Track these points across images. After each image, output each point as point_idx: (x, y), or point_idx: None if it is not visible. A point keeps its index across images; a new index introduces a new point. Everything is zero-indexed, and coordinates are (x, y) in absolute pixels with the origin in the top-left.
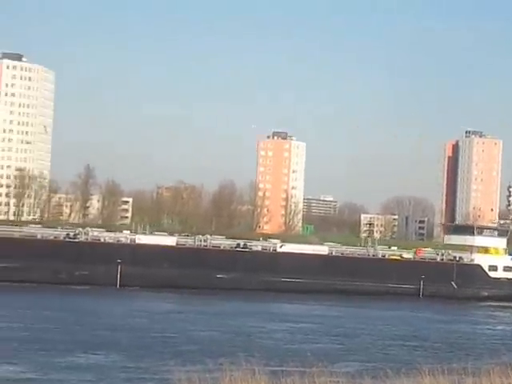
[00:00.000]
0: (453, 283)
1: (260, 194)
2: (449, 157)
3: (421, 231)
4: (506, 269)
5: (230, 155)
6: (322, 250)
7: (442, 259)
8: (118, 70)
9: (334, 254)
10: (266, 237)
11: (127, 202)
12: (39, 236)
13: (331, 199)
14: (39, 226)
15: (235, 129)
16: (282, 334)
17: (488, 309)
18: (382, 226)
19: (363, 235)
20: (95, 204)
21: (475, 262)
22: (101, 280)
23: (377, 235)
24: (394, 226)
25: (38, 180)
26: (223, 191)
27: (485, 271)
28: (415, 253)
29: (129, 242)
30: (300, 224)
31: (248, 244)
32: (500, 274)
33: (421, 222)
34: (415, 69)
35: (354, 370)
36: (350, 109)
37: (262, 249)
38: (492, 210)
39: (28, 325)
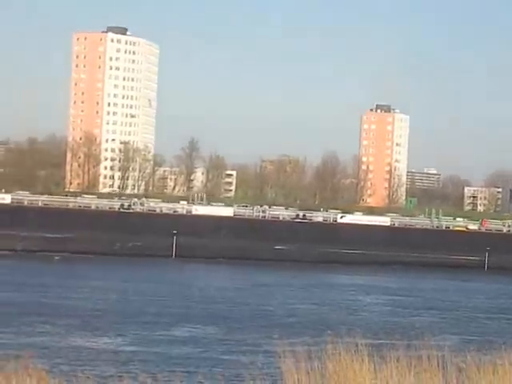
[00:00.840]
0: None
1: (363, 167)
2: None
3: None
4: None
5: (333, 128)
6: (384, 221)
7: (509, 230)
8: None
9: (396, 225)
10: (369, 210)
11: (231, 175)
12: (93, 207)
13: (435, 172)
14: (93, 196)
15: (338, 101)
16: (379, 307)
17: None
18: (485, 199)
19: (467, 208)
20: (199, 177)
21: None
22: (156, 251)
23: (480, 208)
24: (498, 199)
25: (142, 153)
26: (326, 164)
27: None
28: (481, 224)
29: (185, 212)
30: (403, 197)
31: (308, 215)
32: None
33: None
34: None
35: (456, 342)
36: (453, 79)
37: (323, 220)
38: None
39: (121, 297)
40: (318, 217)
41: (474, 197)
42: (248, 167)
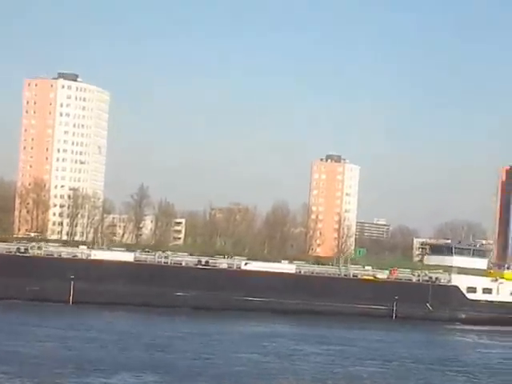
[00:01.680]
0: (428, 305)
1: (313, 216)
2: (502, 181)
3: None
4: (485, 291)
5: (284, 177)
6: (290, 268)
7: (419, 280)
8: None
9: (302, 272)
10: (318, 260)
11: (180, 222)
12: None
13: (384, 223)
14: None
15: (287, 151)
16: (322, 357)
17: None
18: None
19: (416, 259)
20: (148, 224)
21: (452, 283)
22: (52, 296)
23: None
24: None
25: (91, 200)
26: (276, 213)
27: (462, 293)
28: (390, 273)
29: (84, 257)
30: (352, 247)
31: (211, 261)
32: (479, 295)
33: None
34: (466, 98)
35: None
36: (402, 134)
37: (228, 266)
38: None
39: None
40: (223, 263)
41: (423, 248)
42: (197, 215)
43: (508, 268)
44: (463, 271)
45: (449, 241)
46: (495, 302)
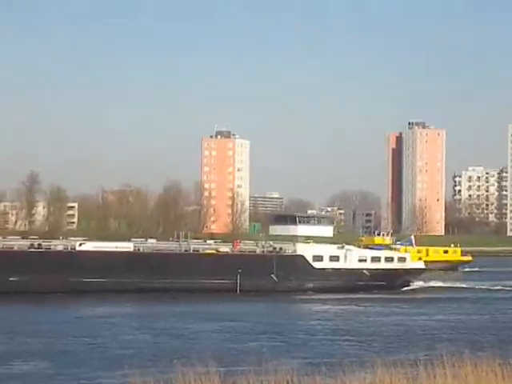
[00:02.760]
0: (273, 276)
1: (206, 193)
2: (393, 149)
3: (368, 224)
4: (332, 258)
5: (175, 156)
6: (127, 246)
7: (263, 251)
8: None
9: (140, 250)
10: (213, 237)
11: (73, 207)
12: None
13: (277, 196)
14: None
15: (178, 129)
16: (217, 334)
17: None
18: None
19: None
20: (41, 211)
21: (298, 252)
22: None
23: None
24: (341, 220)
25: None
26: (168, 192)
27: (308, 262)
28: (233, 246)
29: None
30: (247, 222)
31: (44, 244)
32: (326, 264)
33: (368, 215)
34: (358, 59)
35: (297, 365)
36: (293, 104)
37: (64, 248)
38: (438, 200)
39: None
40: (58, 245)
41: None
42: (90, 198)
43: (378, 234)
44: (311, 240)
45: (342, 211)
46: (342, 270)
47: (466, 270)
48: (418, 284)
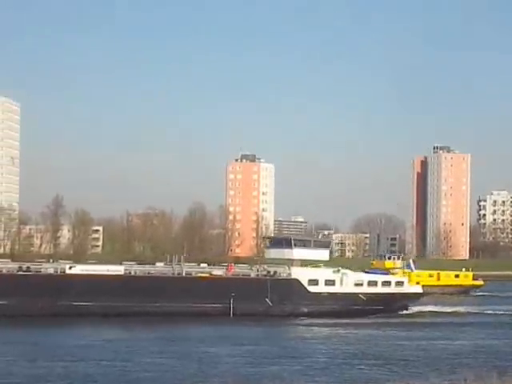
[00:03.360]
0: (267, 300)
1: (230, 217)
2: (418, 173)
3: (392, 248)
4: (328, 282)
5: (199, 179)
6: (118, 269)
7: (258, 275)
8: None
9: (131, 273)
10: (238, 260)
11: (98, 230)
12: None
13: (302, 220)
14: None
15: (203, 152)
16: (236, 358)
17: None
18: (353, 244)
19: (335, 254)
20: (66, 234)
21: (293, 276)
22: None
23: (349, 254)
24: (366, 244)
25: (7, 212)
26: (193, 215)
27: (303, 286)
28: (227, 269)
29: None
30: None
31: (33, 267)
32: (321, 288)
33: (392, 239)
34: (381, 86)
35: None
36: (316, 129)
37: (54, 271)
38: (462, 224)
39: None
40: (49, 268)
41: (341, 243)
42: (114, 221)
43: (389, 258)
44: (305, 263)
45: (367, 234)
46: (338, 294)
47: (478, 294)
48: (415, 309)
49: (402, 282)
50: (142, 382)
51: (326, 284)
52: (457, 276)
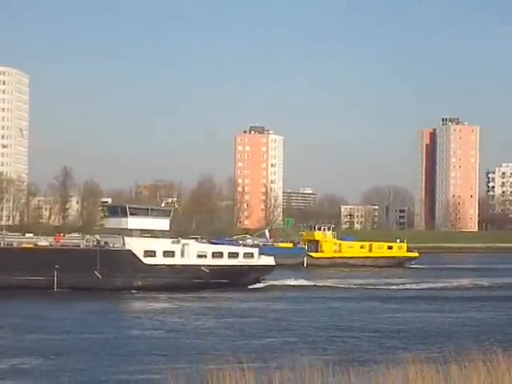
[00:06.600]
0: (96, 272)
1: (239, 189)
2: (426, 145)
3: (401, 220)
4: (167, 254)
5: (207, 151)
6: None
7: (88, 246)
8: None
9: None
10: (247, 231)
11: (106, 202)
12: None
13: (310, 191)
14: None
15: (211, 124)
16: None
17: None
18: (362, 216)
19: (344, 226)
20: (75, 206)
21: (126, 247)
22: None
23: (358, 226)
24: (375, 216)
25: (16, 183)
26: (202, 187)
27: (138, 257)
28: (55, 239)
29: None
30: (280, 217)
31: None
32: (159, 260)
33: (401, 211)
34: (389, 58)
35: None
36: (326, 99)
37: None
38: (471, 196)
39: None
40: None
41: (350, 215)
42: (123, 193)
43: (319, 229)
44: (144, 233)
45: (376, 206)
46: (177, 266)
47: (412, 266)
48: (269, 282)
49: (252, 254)
50: (137, 354)
51: (164, 256)
52: (390, 247)
